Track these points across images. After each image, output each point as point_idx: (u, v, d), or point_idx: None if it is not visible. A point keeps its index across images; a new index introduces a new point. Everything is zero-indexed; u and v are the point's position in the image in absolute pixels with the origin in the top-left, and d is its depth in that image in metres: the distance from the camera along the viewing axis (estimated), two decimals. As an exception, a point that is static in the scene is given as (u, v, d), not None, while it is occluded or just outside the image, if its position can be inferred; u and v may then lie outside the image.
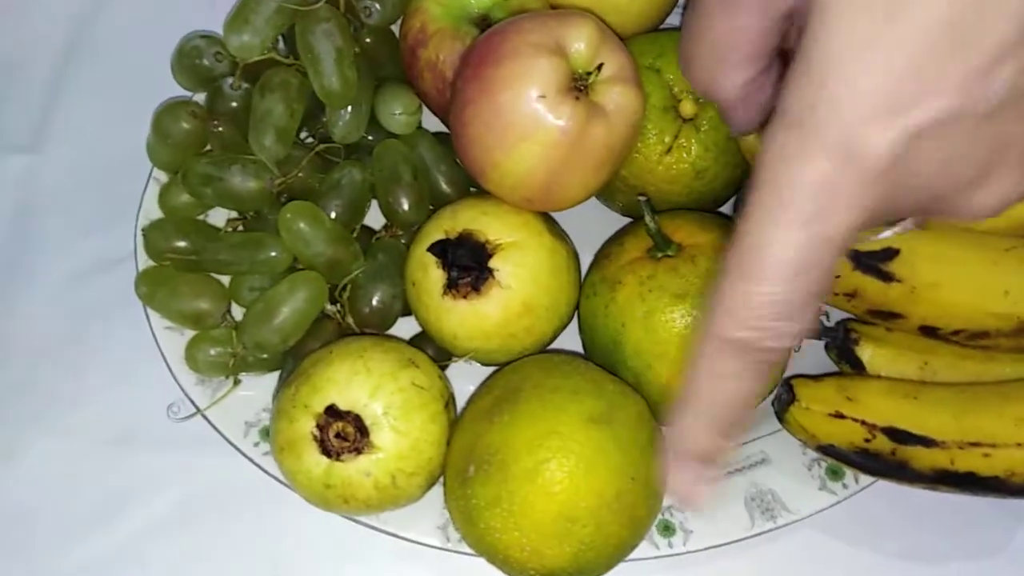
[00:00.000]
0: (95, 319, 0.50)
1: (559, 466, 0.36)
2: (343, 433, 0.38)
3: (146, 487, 0.48)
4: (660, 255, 0.41)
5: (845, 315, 0.45)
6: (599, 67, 0.38)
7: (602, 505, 0.36)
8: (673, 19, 0.51)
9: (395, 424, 0.38)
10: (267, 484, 0.45)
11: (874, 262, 0.39)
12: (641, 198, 0.40)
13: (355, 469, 0.38)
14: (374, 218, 0.48)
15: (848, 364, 0.45)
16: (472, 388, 0.44)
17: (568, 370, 0.39)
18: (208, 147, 0.46)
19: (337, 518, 0.44)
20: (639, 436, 0.38)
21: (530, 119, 0.37)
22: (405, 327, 0.46)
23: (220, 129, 0.44)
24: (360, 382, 0.38)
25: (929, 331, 0.41)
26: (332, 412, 0.38)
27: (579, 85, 0.38)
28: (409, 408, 0.38)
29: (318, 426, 0.38)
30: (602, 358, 0.42)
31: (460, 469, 0.38)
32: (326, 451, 0.38)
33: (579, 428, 0.37)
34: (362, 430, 0.38)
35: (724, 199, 0.47)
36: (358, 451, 0.38)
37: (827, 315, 0.46)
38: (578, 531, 0.36)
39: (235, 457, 0.45)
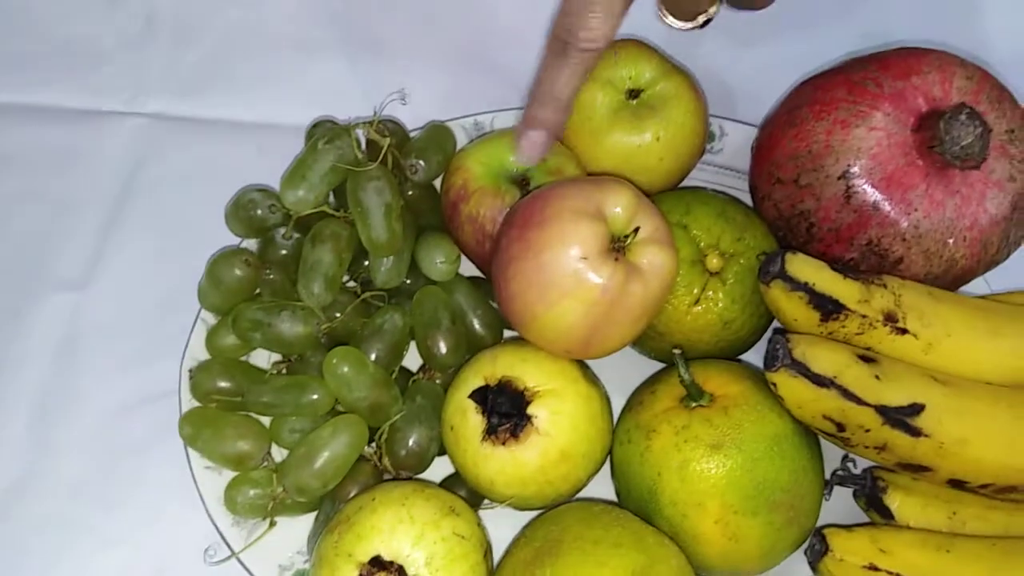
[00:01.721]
0: (132, 455, 0.51)
1: (602, 622, 0.36)
2: (386, 584, 0.38)
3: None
4: (694, 404, 0.43)
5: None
6: (636, 230, 0.41)
7: (646, 664, 0.36)
8: (697, 175, 0.55)
9: (438, 575, 0.38)
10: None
11: (902, 417, 0.40)
12: (676, 351, 0.42)
13: (397, 622, 0.38)
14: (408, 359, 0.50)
15: (876, 512, 0.45)
16: (505, 533, 0.44)
17: (608, 521, 0.40)
18: (257, 291, 0.48)
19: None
20: (680, 590, 0.38)
21: (572, 278, 0.40)
22: (438, 467, 0.47)
23: (272, 277, 0.46)
24: (404, 531, 0.39)
25: (957, 484, 0.42)
26: (376, 563, 0.38)
27: (617, 247, 0.40)
28: (451, 558, 0.39)
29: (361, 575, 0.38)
30: (637, 505, 0.43)
31: (501, 623, 0.38)
32: (368, 603, 0.38)
33: (622, 583, 0.37)
34: (406, 581, 0.38)
35: (749, 346, 0.49)
36: (400, 604, 0.38)
37: (854, 462, 0.47)
38: None
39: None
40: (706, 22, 0.47)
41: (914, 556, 0.41)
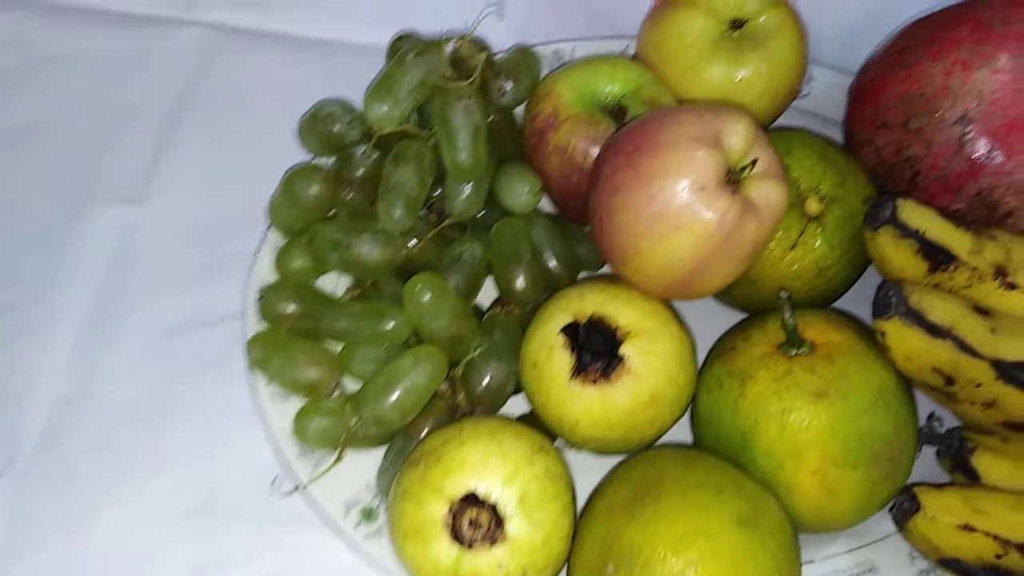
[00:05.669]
0: (183, 380, 0.49)
1: (707, 570, 0.34)
2: (477, 521, 0.36)
3: (224, 564, 0.45)
4: (794, 352, 0.41)
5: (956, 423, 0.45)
6: (753, 162, 0.38)
7: (751, 613, 0.34)
8: (781, 120, 0.52)
9: (531, 514, 0.36)
10: (356, 567, 0.43)
11: (1017, 373, 0.39)
12: (783, 294, 0.40)
13: (487, 561, 0.36)
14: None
15: (962, 473, 0.44)
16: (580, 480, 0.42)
17: (707, 466, 0.38)
18: (332, 212, 0.46)
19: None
20: (783, 540, 0.37)
21: (686, 209, 0.37)
22: (507, 407, 0.45)
23: (352, 196, 0.44)
24: (496, 466, 0.37)
25: (1062, 446, 0.41)
26: (470, 499, 0.36)
27: (734, 179, 0.38)
28: (544, 498, 0.37)
29: (451, 512, 0.36)
30: (726, 454, 0.41)
31: (595, 566, 0.36)
32: (459, 539, 0.36)
33: (728, 529, 0.35)
34: (498, 519, 0.36)
35: (839, 296, 0.47)
36: (492, 541, 0.36)
37: (940, 421, 0.46)
38: (725, 640, 0.34)
39: (321, 535, 0.43)
40: None
41: (1012, 517, 0.40)
